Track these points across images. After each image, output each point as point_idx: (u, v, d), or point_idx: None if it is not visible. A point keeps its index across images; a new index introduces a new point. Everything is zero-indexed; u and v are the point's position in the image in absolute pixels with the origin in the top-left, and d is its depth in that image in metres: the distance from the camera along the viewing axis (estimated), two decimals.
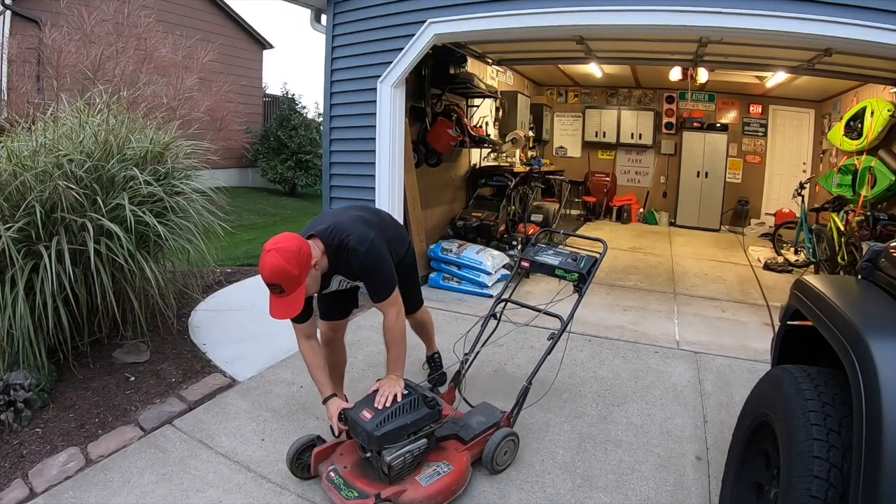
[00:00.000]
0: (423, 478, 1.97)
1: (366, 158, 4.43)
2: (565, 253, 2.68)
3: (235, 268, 5.44)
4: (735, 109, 8.64)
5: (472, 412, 2.37)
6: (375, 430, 1.91)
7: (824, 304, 1.51)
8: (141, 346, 3.25)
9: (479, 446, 2.17)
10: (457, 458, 2.09)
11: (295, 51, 32.42)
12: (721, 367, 3.25)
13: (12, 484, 2.16)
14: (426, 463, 2.04)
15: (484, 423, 2.26)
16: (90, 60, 5.07)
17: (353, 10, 4.37)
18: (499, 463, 2.18)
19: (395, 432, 1.93)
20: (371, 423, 1.93)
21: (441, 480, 1.98)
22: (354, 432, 2.01)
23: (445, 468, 2.03)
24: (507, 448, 2.21)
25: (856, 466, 1.14)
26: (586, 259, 2.59)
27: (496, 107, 7.07)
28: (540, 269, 2.66)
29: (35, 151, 2.95)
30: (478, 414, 2.34)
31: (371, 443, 1.92)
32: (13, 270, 2.63)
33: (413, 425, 1.99)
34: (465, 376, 2.54)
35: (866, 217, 5.12)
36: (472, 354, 2.54)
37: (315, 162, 10.61)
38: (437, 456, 2.08)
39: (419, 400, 2.04)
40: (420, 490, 1.93)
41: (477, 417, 2.30)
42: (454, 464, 2.06)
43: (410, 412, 2.00)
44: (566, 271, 2.56)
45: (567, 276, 2.56)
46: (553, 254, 2.68)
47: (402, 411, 1.98)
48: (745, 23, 3.16)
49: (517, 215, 6.25)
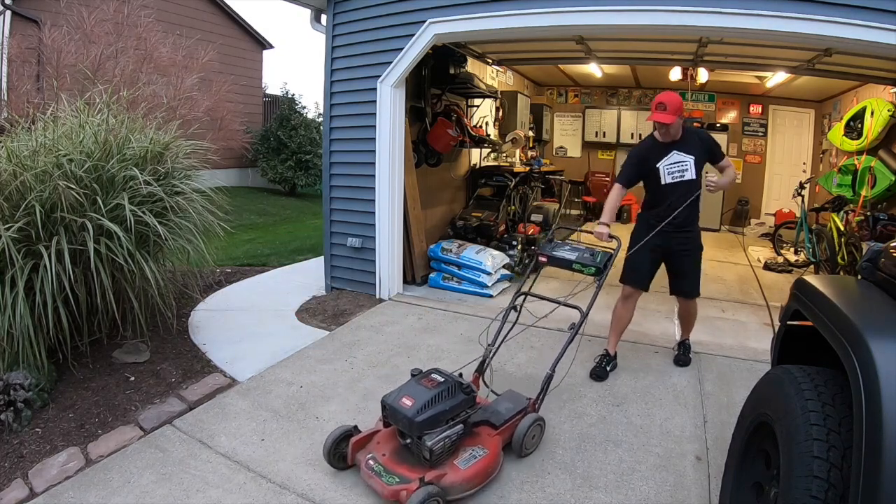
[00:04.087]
0: (461, 461, 2.05)
1: (366, 158, 4.44)
2: (581, 248, 2.77)
3: (235, 268, 5.45)
4: (735, 109, 8.65)
5: (500, 399, 2.45)
6: (416, 416, 1.98)
7: (824, 304, 1.51)
8: (141, 346, 3.25)
9: (509, 431, 2.27)
10: (490, 442, 2.17)
11: (295, 51, 32.48)
12: (721, 367, 3.25)
13: (12, 484, 2.15)
14: (462, 447, 2.11)
15: (512, 409, 2.35)
16: (90, 60, 5.07)
17: (353, 10, 4.37)
18: (527, 447, 2.29)
19: (435, 418, 2.01)
20: (412, 409, 2.00)
21: (478, 463, 2.06)
22: (395, 419, 2.07)
23: (481, 452, 2.11)
24: (534, 433, 2.33)
25: (856, 466, 1.14)
26: (602, 254, 2.69)
27: (496, 107, 7.07)
28: (557, 264, 2.76)
29: (35, 151, 2.95)
30: (505, 401, 2.42)
31: (412, 429, 1.98)
32: (13, 270, 2.63)
33: (451, 411, 2.06)
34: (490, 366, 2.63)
35: (866, 217, 5.13)
36: (494, 345, 2.62)
37: (315, 162, 10.61)
38: (471, 441, 2.16)
39: (455, 387, 2.12)
40: (459, 473, 2.00)
41: (505, 404, 2.39)
42: (488, 447, 2.14)
43: (448, 398, 2.08)
44: (583, 265, 2.66)
45: (584, 270, 2.66)
46: (569, 249, 2.78)
47: (440, 398, 2.06)
48: (745, 23, 3.16)
49: (517, 215, 6.25)
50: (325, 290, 4.80)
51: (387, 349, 3.47)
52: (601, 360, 3.12)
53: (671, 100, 2.86)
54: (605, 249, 2.75)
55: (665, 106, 2.84)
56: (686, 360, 3.27)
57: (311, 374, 3.10)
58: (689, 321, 3.31)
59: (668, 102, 2.85)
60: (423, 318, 4.03)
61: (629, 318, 3.20)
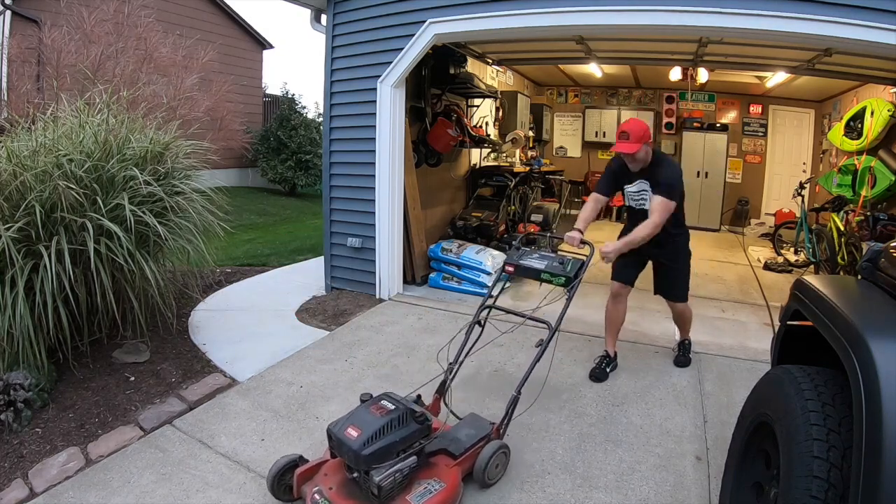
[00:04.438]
0: (415, 497, 1.87)
1: (366, 158, 4.43)
2: (551, 256, 2.58)
3: (235, 268, 5.45)
4: (735, 109, 8.64)
5: (461, 425, 2.28)
6: (363, 448, 1.80)
7: (824, 305, 1.50)
8: (141, 346, 3.25)
9: (470, 460, 2.09)
10: (447, 473, 1.99)
11: (295, 51, 32.46)
12: (721, 367, 3.25)
13: (12, 484, 2.16)
14: (417, 481, 1.93)
15: (474, 435, 2.17)
16: (90, 60, 5.07)
17: (353, 10, 4.37)
18: (490, 477, 2.11)
19: (384, 450, 1.83)
20: (357, 441, 1.81)
21: (433, 499, 1.87)
22: (340, 451, 1.89)
23: (437, 485, 1.93)
24: (498, 461, 2.14)
25: (856, 466, 1.14)
26: (573, 262, 2.50)
27: (496, 107, 7.07)
28: (525, 274, 2.57)
29: (35, 151, 2.95)
30: (466, 427, 2.25)
31: (358, 462, 1.80)
32: (13, 270, 2.63)
33: (402, 442, 1.88)
34: (451, 386, 2.44)
35: (866, 217, 5.12)
36: (456, 364, 2.44)
37: (315, 162, 10.61)
38: (427, 473, 1.98)
39: (407, 415, 1.94)
40: None
41: (466, 430, 2.21)
42: (445, 480, 1.96)
43: (399, 428, 1.89)
44: (552, 275, 2.47)
45: (554, 280, 2.47)
46: (538, 257, 2.59)
47: (389, 428, 1.88)
48: (745, 23, 3.16)
49: (517, 215, 6.25)
50: (325, 290, 4.80)
51: (387, 349, 3.47)
52: (600, 361, 3.12)
53: (634, 128, 2.76)
54: (577, 257, 2.56)
55: (628, 135, 2.75)
56: (686, 361, 3.27)
57: (311, 374, 3.10)
58: (684, 323, 3.30)
59: (631, 131, 2.75)
60: (423, 318, 4.03)
61: (621, 317, 3.17)
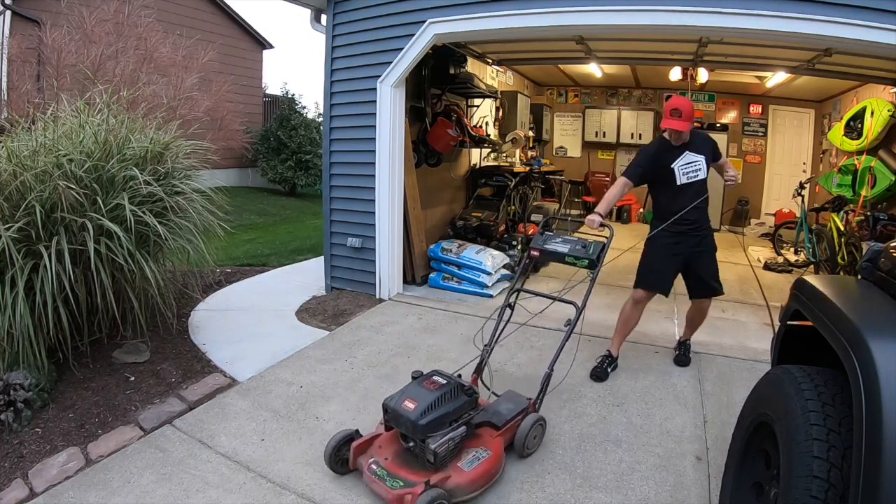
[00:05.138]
0: (465, 463, 2.04)
1: (366, 158, 4.43)
2: (573, 240, 2.72)
3: (235, 268, 5.45)
4: (735, 109, 8.64)
5: (500, 400, 2.44)
6: (420, 419, 1.97)
7: (824, 304, 1.51)
8: (141, 346, 3.25)
9: (511, 432, 2.26)
10: (492, 443, 2.16)
11: (295, 51, 32.44)
12: (721, 367, 3.25)
13: (12, 484, 2.16)
14: (465, 449, 2.10)
15: (513, 409, 2.34)
16: (90, 60, 5.07)
17: (353, 10, 4.36)
18: (529, 447, 2.29)
19: (438, 420, 2.00)
20: (415, 412, 1.98)
21: (482, 465, 2.05)
22: (397, 423, 2.06)
23: (484, 453, 2.10)
24: (536, 433, 2.32)
25: (856, 466, 1.14)
26: (595, 245, 2.64)
27: (496, 107, 7.07)
28: (550, 257, 2.72)
29: (35, 151, 2.95)
30: (506, 401, 2.41)
31: (416, 432, 1.97)
32: (13, 270, 2.63)
33: (454, 413, 2.06)
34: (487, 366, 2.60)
35: (866, 217, 5.12)
36: (491, 345, 2.59)
37: (315, 162, 10.61)
38: (473, 442, 2.15)
39: (458, 388, 2.11)
40: (463, 475, 1.99)
41: (506, 405, 2.38)
42: (491, 449, 2.13)
43: (451, 400, 2.07)
44: (576, 258, 2.62)
45: (577, 263, 2.62)
46: (561, 241, 2.72)
47: (443, 400, 2.05)
48: (745, 23, 3.16)
49: (517, 215, 6.25)
50: (325, 290, 4.80)
51: (387, 349, 3.47)
52: (602, 361, 3.12)
53: (686, 105, 2.82)
54: (598, 239, 2.69)
55: (680, 112, 2.80)
56: (687, 360, 3.27)
57: (311, 374, 3.10)
58: (700, 322, 3.31)
59: (683, 108, 2.81)
60: (423, 318, 4.03)
61: (636, 322, 3.18)
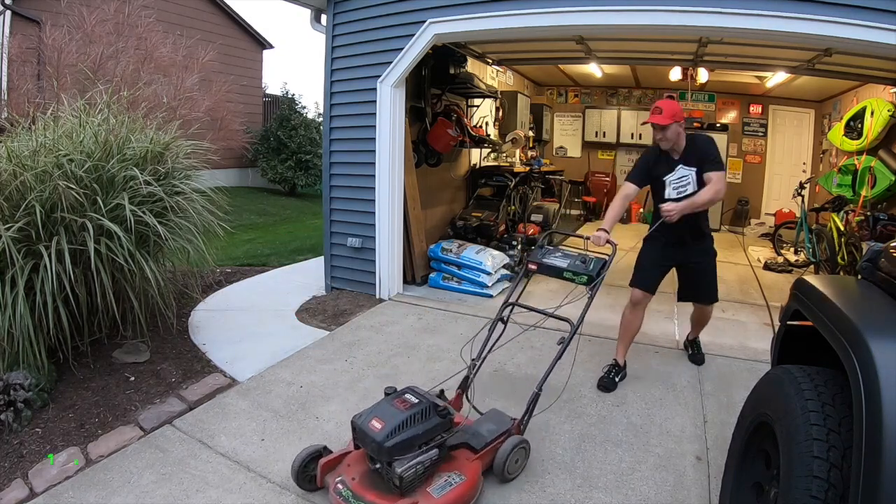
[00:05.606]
0: (435, 489, 1.92)
1: (366, 158, 4.43)
2: (573, 255, 2.61)
3: (235, 268, 5.45)
4: (735, 109, 8.65)
5: (482, 419, 2.31)
6: (386, 440, 1.85)
7: (824, 304, 1.50)
8: (141, 346, 3.26)
9: (490, 455, 2.13)
10: (468, 467, 2.04)
11: (295, 51, 32.44)
12: (721, 367, 3.25)
13: (12, 484, 2.16)
14: (437, 473, 1.98)
15: (494, 430, 2.21)
16: (90, 60, 5.08)
17: (353, 10, 4.37)
18: (510, 472, 2.14)
19: (406, 443, 1.88)
20: (381, 433, 1.87)
21: (453, 491, 1.92)
22: (363, 442, 1.96)
23: (457, 478, 1.98)
24: (518, 456, 2.17)
25: (856, 466, 1.14)
26: (595, 261, 2.54)
27: (496, 107, 7.07)
28: (548, 272, 2.59)
29: (35, 151, 2.95)
30: (488, 421, 2.29)
31: (381, 454, 1.86)
32: (13, 270, 2.63)
33: (424, 435, 1.93)
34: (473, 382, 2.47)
35: (866, 217, 5.12)
36: (479, 360, 2.47)
37: (315, 162, 10.61)
38: (448, 466, 2.03)
39: (430, 408, 1.99)
40: (432, 501, 1.87)
41: (487, 425, 2.25)
42: (466, 473, 2.00)
43: (421, 422, 1.95)
44: (575, 273, 2.50)
45: (576, 279, 2.51)
46: (561, 256, 2.62)
47: (412, 421, 1.93)
48: (745, 23, 3.16)
49: (517, 215, 6.25)
50: (325, 290, 4.80)
51: (387, 349, 3.47)
52: (609, 371, 3.02)
53: (668, 105, 2.88)
54: (599, 256, 2.59)
55: (661, 109, 2.86)
56: (701, 358, 3.29)
57: (311, 374, 3.10)
58: (705, 322, 3.30)
59: (664, 107, 2.87)
60: (423, 318, 4.03)
61: (639, 326, 3.08)
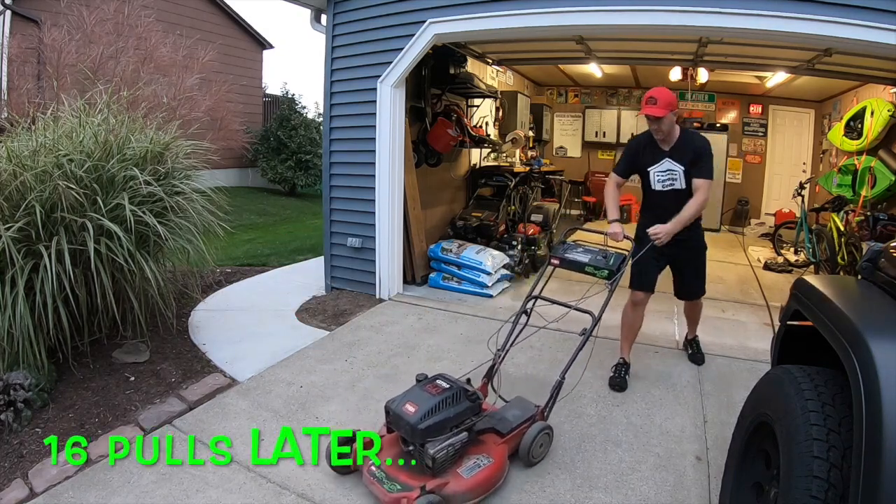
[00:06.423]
0: (465, 470, 2.02)
1: (366, 158, 4.43)
2: (594, 250, 2.72)
3: (235, 268, 5.45)
4: (735, 109, 8.64)
5: (508, 406, 2.42)
6: (419, 423, 1.95)
7: (824, 305, 1.50)
8: (141, 346, 3.25)
9: (516, 439, 2.23)
10: (495, 450, 2.14)
11: (295, 51, 32.42)
12: (721, 367, 3.25)
13: (12, 484, 2.16)
14: (467, 455, 2.08)
15: (520, 416, 2.31)
16: (90, 60, 5.08)
17: (353, 10, 4.36)
18: (535, 455, 2.25)
19: (438, 425, 1.98)
20: (415, 416, 1.97)
21: (482, 472, 2.02)
22: (397, 425, 2.05)
23: (485, 461, 2.08)
24: (542, 441, 2.28)
25: (856, 466, 1.14)
26: (615, 256, 2.64)
27: (496, 107, 7.07)
28: (570, 267, 2.70)
29: (35, 151, 2.95)
30: (513, 408, 2.39)
31: (415, 436, 1.96)
32: (13, 270, 2.63)
33: (455, 418, 2.04)
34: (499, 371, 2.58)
35: (866, 217, 5.12)
36: (504, 351, 2.57)
37: (315, 162, 10.61)
38: (476, 449, 2.13)
39: (461, 393, 2.10)
40: (462, 482, 1.97)
41: (512, 411, 2.36)
42: (493, 456, 2.10)
43: (453, 405, 2.05)
44: (596, 268, 2.62)
45: (597, 273, 2.62)
46: (582, 251, 2.72)
47: (444, 405, 2.03)
48: (745, 23, 3.16)
49: (517, 215, 6.24)
50: (325, 290, 4.80)
51: (387, 349, 3.47)
52: (618, 370, 3.03)
53: (661, 94, 2.82)
54: (619, 251, 2.69)
55: (655, 100, 2.80)
56: (701, 358, 3.29)
57: (311, 374, 3.10)
58: (696, 318, 3.32)
59: (659, 96, 2.81)
60: (423, 318, 4.03)
61: (640, 324, 3.14)
